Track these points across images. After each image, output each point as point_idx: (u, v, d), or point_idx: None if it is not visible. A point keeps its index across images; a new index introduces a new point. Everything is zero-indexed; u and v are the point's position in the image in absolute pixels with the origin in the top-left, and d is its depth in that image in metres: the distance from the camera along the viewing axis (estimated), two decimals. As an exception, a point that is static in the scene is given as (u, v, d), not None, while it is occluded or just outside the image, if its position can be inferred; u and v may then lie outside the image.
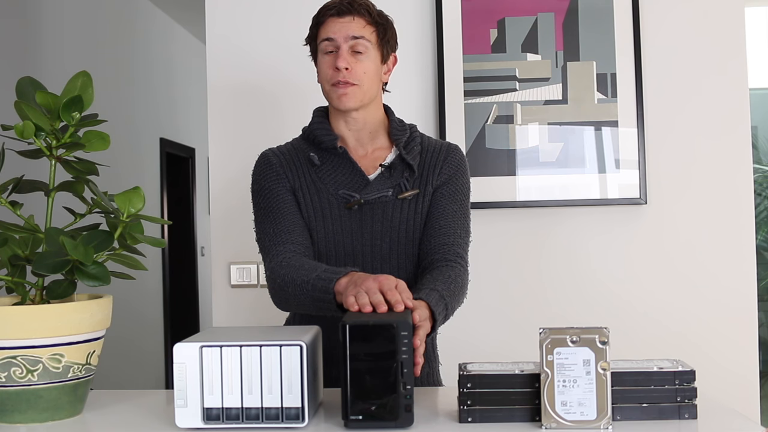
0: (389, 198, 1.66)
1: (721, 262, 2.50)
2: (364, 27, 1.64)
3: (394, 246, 1.67)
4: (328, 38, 1.64)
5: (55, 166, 1.42)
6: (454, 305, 1.54)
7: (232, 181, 2.61)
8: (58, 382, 1.33)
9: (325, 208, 1.67)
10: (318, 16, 1.69)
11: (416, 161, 1.68)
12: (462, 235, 1.68)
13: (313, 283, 1.47)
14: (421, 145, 1.72)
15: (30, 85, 1.43)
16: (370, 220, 1.66)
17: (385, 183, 1.67)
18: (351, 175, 1.67)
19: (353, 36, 1.63)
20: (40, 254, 1.34)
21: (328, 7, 1.67)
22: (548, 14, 2.52)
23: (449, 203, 1.69)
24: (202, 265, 6.70)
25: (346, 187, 1.66)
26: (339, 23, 1.64)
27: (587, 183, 2.50)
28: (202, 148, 6.66)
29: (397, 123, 1.73)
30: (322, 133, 1.70)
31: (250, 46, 2.61)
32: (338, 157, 1.68)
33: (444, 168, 1.70)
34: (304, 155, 1.71)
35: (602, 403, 1.20)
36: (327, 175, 1.68)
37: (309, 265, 1.53)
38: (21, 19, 3.89)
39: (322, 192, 1.67)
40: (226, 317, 2.61)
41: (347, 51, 1.63)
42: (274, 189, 1.68)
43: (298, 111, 2.59)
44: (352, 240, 1.66)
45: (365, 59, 1.64)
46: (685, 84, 2.52)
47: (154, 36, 5.77)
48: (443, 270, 1.59)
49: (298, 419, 1.23)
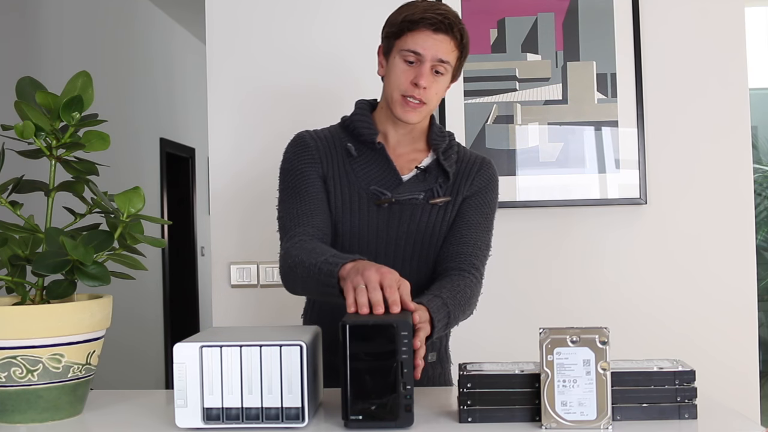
0: (420, 201, 1.65)
1: (721, 262, 2.50)
2: (453, 51, 1.61)
3: (416, 249, 1.67)
4: (415, 51, 1.59)
5: (55, 166, 1.42)
6: (457, 315, 1.53)
7: (232, 181, 2.61)
8: (58, 382, 1.33)
9: (354, 201, 1.66)
10: (412, 22, 1.60)
11: (452, 169, 1.68)
12: (481, 248, 1.67)
13: (319, 266, 1.44)
14: (457, 153, 1.71)
15: (30, 85, 1.43)
16: (398, 220, 1.66)
17: (418, 186, 1.66)
18: (385, 172, 1.66)
19: (441, 59, 1.60)
20: (40, 254, 1.34)
21: (427, 18, 1.59)
22: (548, 14, 2.52)
23: (474, 215, 1.68)
24: (202, 265, 6.70)
25: (378, 184, 1.65)
26: (432, 39, 1.59)
27: (587, 183, 2.50)
28: (202, 148, 6.66)
29: (438, 129, 1.72)
30: (363, 126, 1.68)
31: (250, 46, 2.61)
32: (375, 152, 1.67)
33: (476, 180, 1.70)
34: (341, 144, 1.69)
35: (602, 403, 1.20)
36: (361, 168, 1.67)
37: (320, 248, 1.51)
38: (21, 19, 3.89)
39: (354, 185, 1.66)
40: (226, 317, 2.61)
41: (429, 70, 1.60)
42: (306, 171, 1.66)
43: (299, 110, 2.60)
44: (376, 237, 1.66)
45: (441, 80, 1.63)
46: (685, 84, 2.52)
47: (154, 36, 5.77)
48: (454, 279, 1.59)
49: (298, 419, 1.23)
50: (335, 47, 2.59)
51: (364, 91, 2.59)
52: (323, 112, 2.58)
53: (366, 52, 2.58)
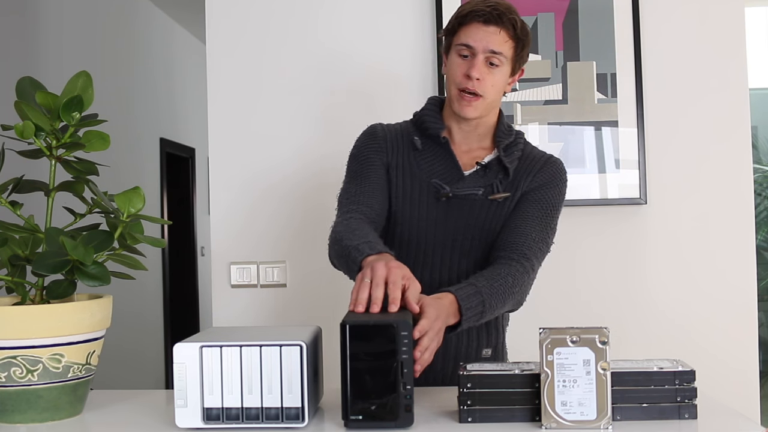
0: (479, 197, 1.66)
1: (721, 262, 2.50)
2: (506, 42, 1.61)
3: (475, 244, 1.68)
4: (467, 44, 1.61)
5: (55, 166, 1.42)
6: (494, 303, 1.51)
7: (232, 181, 2.61)
8: (58, 382, 1.33)
9: (414, 192, 1.68)
10: (463, 16, 1.63)
11: (513, 165, 1.68)
12: (536, 240, 1.64)
13: (350, 250, 1.47)
14: (522, 151, 1.72)
15: (30, 85, 1.43)
16: (456, 214, 1.67)
17: (479, 181, 1.67)
18: (448, 166, 1.68)
19: (492, 51, 1.60)
20: (40, 254, 1.34)
21: (476, 11, 1.61)
22: (548, 14, 2.52)
23: (531, 208, 1.67)
24: (202, 265, 6.70)
25: (440, 178, 1.67)
26: (483, 31, 1.60)
27: (587, 183, 2.50)
28: (202, 148, 6.66)
29: (505, 126, 1.72)
30: (430, 120, 1.71)
31: (250, 46, 2.61)
32: (439, 146, 1.69)
33: (537, 176, 1.70)
34: (408, 137, 1.72)
35: (602, 403, 1.20)
36: (424, 161, 1.69)
37: (362, 231, 1.52)
38: (21, 20, 3.89)
39: (416, 176, 1.68)
40: (226, 317, 2.61)
41: (483, 61, 1.61)
42: (371, 158, 1.70)
43: (299, 110, 2.60)
44: (435, 230, 1.67)
45: (497, 72, 1.63)
46: (685, 84, 2.52)
47: (154, 36, 5.77)
48: (497, 267, 1.58)
49: (298, 419, 1.23)
50: (335, 47, 2.59)
51: (364, 91, 2.60)
52: (323, 112, 2.59)
53: (366, 51, 2.58)
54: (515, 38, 1.63)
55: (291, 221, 2.53)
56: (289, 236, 2.56)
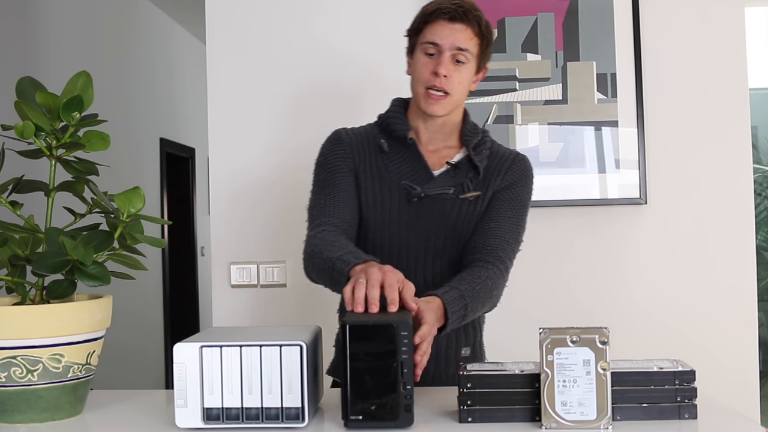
0: (450, 196, 1.66)
1: (721, 262, 2.50)
2: (471, 39, 1.63)
3: (447, 243, 1.68)
4: (433, 42, 1.62)
5: (55, 166, 1.42)
6: (475, 306, 1.53)
7: (232, 181, 2.61)
8: (58, 382, 1.33)
9: (384, 195, 1.68)
10: (427, 15, 1.65)
11: (483, 164, 1.69)
12: (509, 241, 1.66)
13: (334, 261, 1.47)
14: (490, 149, 1.72)
15: (30, 85, 1.43)
16: (428, 215, 1.67)
17: (449, 181, 1.67)
18: (416, 167, 1.68)
19: (459, 47, 1.62)
20: (40, 254, 1.34)
21: (441, 8, 1.63)
22: (548, 14, 2.52)
23: (504, 208, 1.68)
24: (202, 265, 6.70)
25: (409, 179, 1.67)
26: (449, 28, 1.62)
27: (587, 183, 2.50)
28: (202, 148, 6.66)
29: (471, 125, 1.73)
30: (395, 122, 1.71)
31: (251, 46, 2.61)
32: (407, 148, 1.69)
33: (507, 174, 1.70)
34: (374, 140, 1.72)
35: (602, 403, 1.20)
36: (392, 163, 1.69)
37: (340, 243, 1.53)
38: (21, 20, 3.89)
39: (385, 179, 1.68)
40: (226, 317, 2.61)
41: (449, 58, 1.62)
42: (337, 165, 1.70)
43: (299, 110, 2.60)
44: (407, 232, 1.67)
45: (464, 69, 1.64)
46: (685, 84, 2.52)
47: (154, 36, 5.77)
48: (475, 270, 1.59)
49: (298, 419, 1.23)
50: (335, 47, 2.59)
51: (364, 91, 2.60)
52: (323, 112, 2.59)
53: (366, 51, 2.58)
54: (480, 35, 1.64)
55: (291, 221, 2.53)
56: (289, 236, 2.56)
